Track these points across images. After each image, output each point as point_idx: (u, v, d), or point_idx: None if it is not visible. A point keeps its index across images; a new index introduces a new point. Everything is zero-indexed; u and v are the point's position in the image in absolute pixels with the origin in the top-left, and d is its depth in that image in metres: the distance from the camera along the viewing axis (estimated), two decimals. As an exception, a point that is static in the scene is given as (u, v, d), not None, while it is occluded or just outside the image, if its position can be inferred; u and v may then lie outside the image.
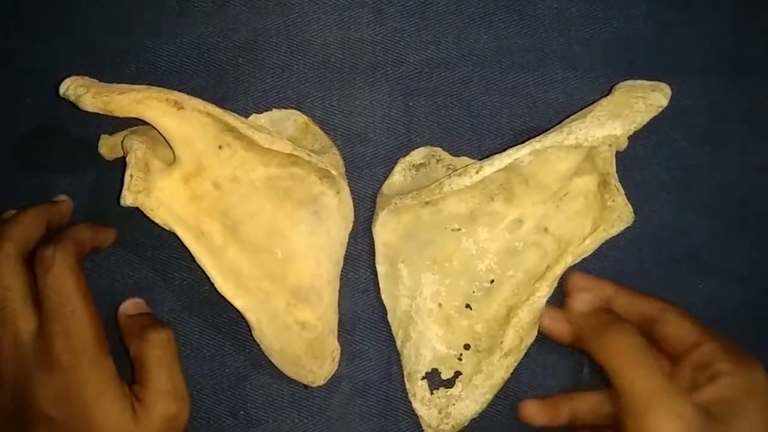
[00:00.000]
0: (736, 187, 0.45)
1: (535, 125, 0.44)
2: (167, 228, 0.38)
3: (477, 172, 0.38)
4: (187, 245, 0.38)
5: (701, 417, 0.33)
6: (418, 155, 0.43)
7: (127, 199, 0.37)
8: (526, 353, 0.41)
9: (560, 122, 0.40)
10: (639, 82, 0.40)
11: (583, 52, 0.45)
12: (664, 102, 0.38)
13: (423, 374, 0.41)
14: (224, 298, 0.39)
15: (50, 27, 0.44)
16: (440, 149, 0.43)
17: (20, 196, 0.42)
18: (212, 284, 0.39)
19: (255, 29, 0.44)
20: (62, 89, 0.37)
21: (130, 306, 0.41)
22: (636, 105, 0.38)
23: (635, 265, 0.44)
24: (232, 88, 0.43)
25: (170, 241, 0.39)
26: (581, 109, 0.40)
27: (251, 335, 0.40)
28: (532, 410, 0.40)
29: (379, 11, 0.44)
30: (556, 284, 0.40)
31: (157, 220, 0.38)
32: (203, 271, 0.39)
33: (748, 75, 0.45)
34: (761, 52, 0.46)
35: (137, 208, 0.38)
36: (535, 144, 0.38)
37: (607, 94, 0.40)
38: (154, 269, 0.42)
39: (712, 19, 0.46)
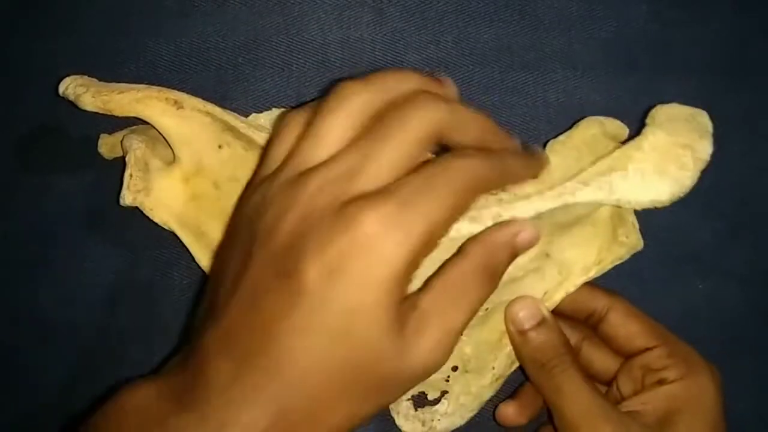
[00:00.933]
0: (736, 187, 0.45)
1: (535, 125, 0.43)
2: (167, 227, 0.38)
3: (493, 221, 0.33)
4: (186, 245, 0.38)
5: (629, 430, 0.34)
6: None
7: (127, 198, 0.37)
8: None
9: (559, 120, 0.40)
10: (677, 108, 0.35)
11: (583, 51, 0.44)
12: (710, 151, 0.33)
13: (409, 396, 0.39)
14: (224, 298, 0.39)
15: (50, 27, 0.44)
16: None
17: (20, 196, 0.42)
18: (212, 284, 0.39)
19: (255, 29, 0.44)
20: (62, 88, 0.37)
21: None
22: (684, 158, 0.33)
23: (635, 265, 0.43)
24: (232, 88, 0.43)
25: (170, 241, 0.39)
26: (581, 108, 0.39)
27: (251, 335, 0.40)
28: (510, 411, 0.38)
29: (379, 11, 0.44)
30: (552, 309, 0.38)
31: (156, 220, 0.38)
32: (203, 271, 0.39)
33: (748, 75, 0.45)
34: (761, 52, 0.46)
35: (137, 207, 0.38)
36: (568, 198, 0.34)
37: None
38: (154, 269, 0.42)
39: (712, 19, 0.45)
